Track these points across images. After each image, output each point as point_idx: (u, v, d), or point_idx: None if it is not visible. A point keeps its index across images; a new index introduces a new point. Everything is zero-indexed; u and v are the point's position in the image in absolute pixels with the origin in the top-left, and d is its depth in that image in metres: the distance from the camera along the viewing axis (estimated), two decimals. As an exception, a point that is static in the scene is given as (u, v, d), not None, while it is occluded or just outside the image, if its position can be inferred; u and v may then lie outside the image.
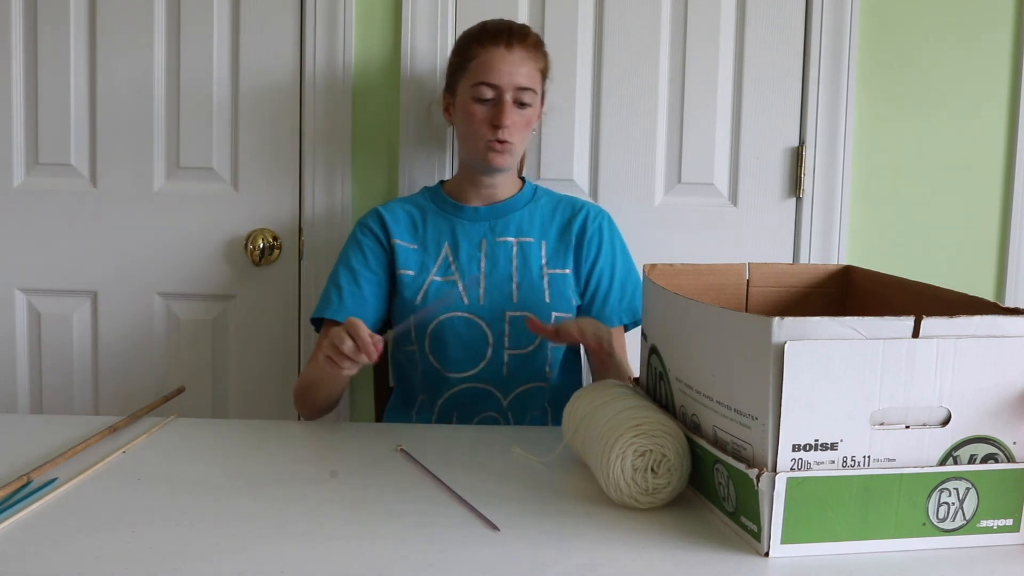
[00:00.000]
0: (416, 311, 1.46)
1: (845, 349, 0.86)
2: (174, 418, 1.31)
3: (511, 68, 1.45)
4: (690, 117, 1.78)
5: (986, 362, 0.89)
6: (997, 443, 0.91)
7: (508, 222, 1.53)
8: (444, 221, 1.54)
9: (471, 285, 1.47)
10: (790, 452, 0.87)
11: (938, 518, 0.90)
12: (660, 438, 0.98)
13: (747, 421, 0.89)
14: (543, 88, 1.53)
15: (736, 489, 0.92)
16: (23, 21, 1.80)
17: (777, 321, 0.85)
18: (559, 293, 1.50)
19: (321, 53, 1.77)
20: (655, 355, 1.13)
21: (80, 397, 1.86)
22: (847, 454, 0.88)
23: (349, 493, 1.03)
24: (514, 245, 1.51)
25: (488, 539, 0.91)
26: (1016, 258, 1.78)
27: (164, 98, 1.80)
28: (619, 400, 1.06)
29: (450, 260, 1.50)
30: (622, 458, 0.97)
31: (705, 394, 0.98)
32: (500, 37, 1.46)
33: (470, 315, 1.47)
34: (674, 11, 1.77)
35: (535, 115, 1.51)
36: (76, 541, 0.89)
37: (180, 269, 1.83)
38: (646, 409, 1.03)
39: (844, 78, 1.75)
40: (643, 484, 0.98)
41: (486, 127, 1.46)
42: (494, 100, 1.46)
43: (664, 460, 0.98)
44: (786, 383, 0.85)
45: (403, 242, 1.52)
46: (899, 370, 0.88)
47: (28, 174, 1.84)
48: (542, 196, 1.59)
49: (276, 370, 1.84)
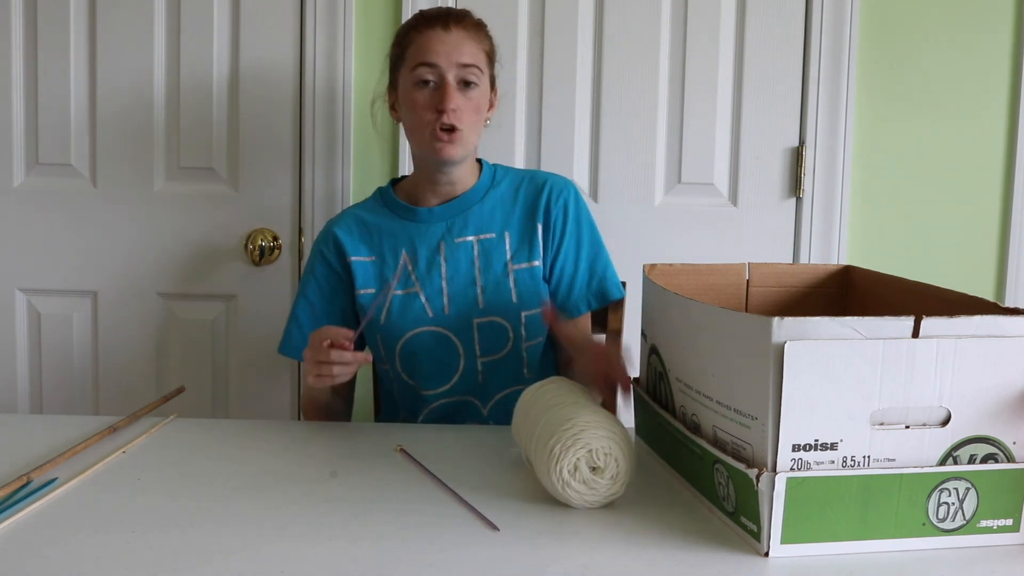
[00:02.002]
0: (382, 330, 1.42)
1: (845, 349, 0.86)
2: (174, 418, 1.31)
3: (450, 48, 1.35)
4: (690, 117, 1.78)
5: (986, 362, 0.89)
6: (997, 443, 0.91)
7: (466, 219, 1.44)
8: (399, 226, 1.45)
9: (380, 304, 1.41)
10: (790, 452, 0.87)
11: (938, 518, 0.90)
12: (593, 440, 0.97)
13: (747, 421, 0.89)
14: (491, 72, 1.42)
15: (736, 489, 0.92)
16: (23, 21, 1.80)
17: (777, 321, 0.85)
18: (527, 290, 1.42)
19: (321, 53, 1.77)
20: (655, 355, 1.13)
21: (80, 397, 1.86)
22: (847, 454, 0.88)
23: (349, 493, 1.03)
24: (474, 244, 1.43)
25: (488, 539, 0.91)
26: (1016, 258, 1.78)
27: (164, 98, 1.80)
28: (548, 406, 1.06)
29: (410, 269, 1.42)
30: (561, 471, 0.97)
31: (705, 394, 0.98)
32: (436, 20, 1.38)
33: (437, 328, 1.41)
34: (674, 11, 1.77)
35: (484, 99, 1.39)
36: (76, 541, 0.89)
37: (180, 269, 1.83)
38: (568, 409, 1.02)
39: (844, 78, 1.75)
40: (593, 486, 0.98)
41: (430, 112, 1.35)
42: (436, 83, 1.35)
43: (605, 457, 0.97)
44: (786, 383, 0.85)
45: (359, 257, 1.44)
46: (899, 370, 0.87)
47: (28, 174, 1.84)
48: (502, 179, 1.48)
49: (276, 370, 1.84)
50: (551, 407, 1.05)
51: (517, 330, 1.43)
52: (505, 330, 1.42)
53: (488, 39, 1.43)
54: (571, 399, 1.06)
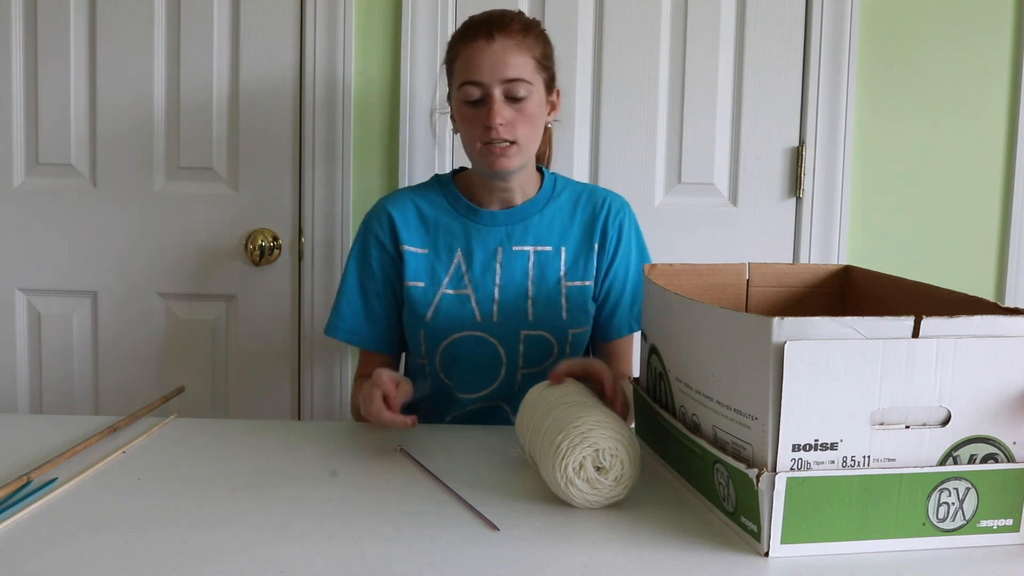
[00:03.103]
0: (427, 327, 1.39)
1: (845, 349, 0.86)
2: (174, 418, 1.31)
3: (493, 61, 1.30)
4: (690, 117, 1.78)
5: (986, 362, 0.89)
6: (997, 443, 0.91)
7: (526, 228, 1.42)
8: (457, 223, 1.42)
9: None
10: (790, 452, 0.86)
11: (938, 518, 0.90)
12: (598, 440, 0.97)
13: (747, 421, 0.89)
14: (546, 75, 1.38)
15: (736, 489, 0.92)
16: (23, 21, 1.80)
17: (777, 321, 0.84)
18: (577, 308, 1.41)
19: (321, 54, 1.77)
20: (655, 355, 1.13)
21: (80, 397, 1.86)
22: (847, 454, 0.88)
23: (349, 493, 1.03)
24: (531, 255, 1.41)
25: (488, 539, 0.91)
26: (1016, 258, 1.78)
27: (164, 98, 1.80)
28: (556, 404, 1.06)
29: (463, 270, 1.40)
30: (566, 468, 0.97)
31: (705, 394, 0.98)
32: (480, 30, 1.32)
33: (483, 334, 1.39)
34: (674, 11, 1.77)
35: (538, 107, 1.35)
36: (76, 541, 0.89)
37: (180, 269, 1.83)
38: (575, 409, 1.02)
39: (844, 78, 1.75)
40: (596, 486, 0.98)
41: (479, 129, 1.32)
42: (483, 98, 1.32)
43: (611, 458, 0.97)
44: (786, 383, 0.85)
45: (412, 247, 1.42)
46: (899, 370, 0.87)
47: (28, 174, 1.84)
48: (562, 191, 1.46)
49: (276, 370, 1.84)
50: (560, 405, 1.05)
51: (562, 347, 1.41)
52: (551, 345, 1.41)
53: (539, 42, 1.36)
54: (580, 398, 1.06)
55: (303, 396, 1.84)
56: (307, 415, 1.83)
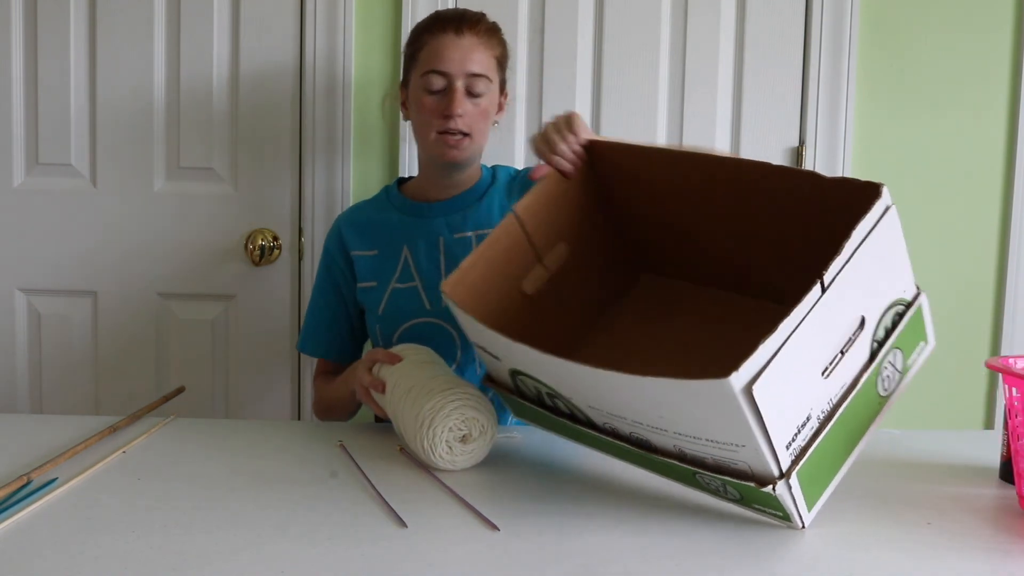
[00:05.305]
0: (380, 320, 1.44)
1: (793, 351, 0.85)
2: (174, 418, 1.31)
3: (461, 54, 1.37)
4: (690, 117, 1.78)
5: (868, 260, 0.91)
6: (899, 301, 0.97)
7: (465, 216, 1.46)
8: (400, 221, 1.48)
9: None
10: (786, 451, 0.88)
11: (885, 389, 0.97)
12: (468, 410, 1.09)
13: (731, 448, 0.89)
14: (501, 76, 1.45)
15: (739, 490, 0.93)
16: (23, 21, 1.80)
17: (735, 376, 0.81)
18: None
19: (321, 53, 1.77)
20: (529, 378, 1.05)
21: (80, 397, 1.86)
22: (817, 414, 0.91)
23: (349, 493, 1.03)
24: (473, 240, 1.44)
25: (488, 539, 0.91)
26: (1016, 258, 1.78)
27: (164, 98, 1.80)
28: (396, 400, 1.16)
29: (410, 263, 1.45)
30: (443, 456, 1.09)
31: (653, 426, 0.93)
32: (450, 24, 1.39)
33: (434, 320, 1.43)
34: (674, 11, 1.77)
35: (492, 105, 1.42)
36: (76, 541, 0.89)
37: (180, 269, 1.83)
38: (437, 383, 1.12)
39: (844, 78, 1.75)
40: (473, 444, 1.10)
41: (437, 117, 1.38)
42: (445, 89, 1.38)
43: (467, 424, 1.09)
44: (766, 416, 0.84)
45: (361, 251, 1.48)
46: (824, 328, 0.88)
47: (28, 174, 1.84)
48: (500, 177, 1.51)
49: (276, 370, 1.84)
50: (399, 400, 1.14)
51: None
52: None
53: (501, 44, 1.44)
54: (407, 381, 1.15)
55: (303, 396, 1.84)
56: (307, 415, 1.83)
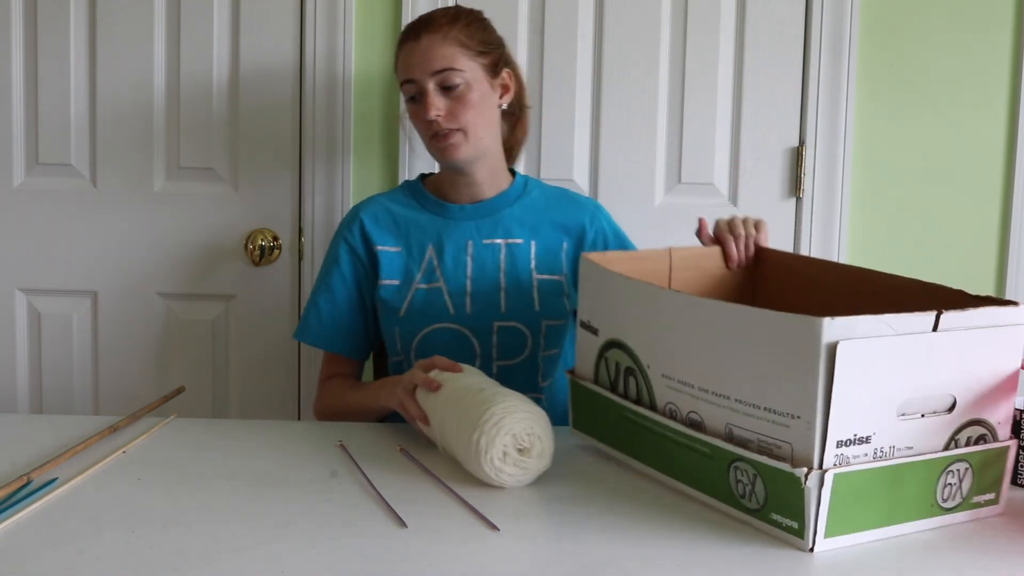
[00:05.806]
0: (401, 322, 1.42)
1: (881, 346, 0.88)
2: (174, 418, 1.31)
3: (421, 57, 1.36)
4: (690, 117, 1.78)
5: (986, 351, 0.94)
6: (987, 424, 0.96)
7: (496, 222, 1.45)
8: (428, 220, 1.46)
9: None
10: (834, 448, 0.87)
11: (943, 499, 0.94)
12: (524, 423, 1.04)
13: (784, 420, 0.89)
14: (483, 60, 1.39)
15: (767, 487, 0.91)
16: (23, 21, 1.80)
17: (828, 321, 0.85)
18: (549, 301, 1.43)
19: (321, 53, 1.77)
20: (619, 349, 1.10)
21: (80, 397, 1.86)
22: (878, 446, 0.90)
23: (349, 493, 1.03)
24: (502, 247, 1.44)
25: (488, 539, 0.91)
26: (1016, 257, 1.78)
27: (164, 98, 1.80)
28: (455, 398, 1.12)
29: (435, 264, 1.43)
30: (493, 463, 1.03)
31: (714, 391, 0.97)
32: (411, 32, 1.39)
33: (456, 326, 1.41)
34: (674, 11, 1.77)
35: (478, 92, 1.37)
36: (76, 541, 0.89)
37: (180, 269, 1.83)
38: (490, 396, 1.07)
39: (844, 78, 1.75)
40: (523, 466, 1.04)
41: (422, 123, 1.38)
42: (419, 95, 1.37)
43: (527, 437, 1.04)
44: (837, 383, 0.85)
45: (386, 247, 1.45)
46: (919, 363, 0.91)
47: (28, 174, 1.84)
48: (533, 189, 1.51)
49: (276, 370, 1.84)
50: (461, 399, 1.10)
51: (536, 338, 1.43)
52: (524, 336, 1.42)
53: (469, 29, 1.39)
54: (477, 385, 1.11)
55: (303, 396, 1.84)
56: (307, 415, 1.83)
